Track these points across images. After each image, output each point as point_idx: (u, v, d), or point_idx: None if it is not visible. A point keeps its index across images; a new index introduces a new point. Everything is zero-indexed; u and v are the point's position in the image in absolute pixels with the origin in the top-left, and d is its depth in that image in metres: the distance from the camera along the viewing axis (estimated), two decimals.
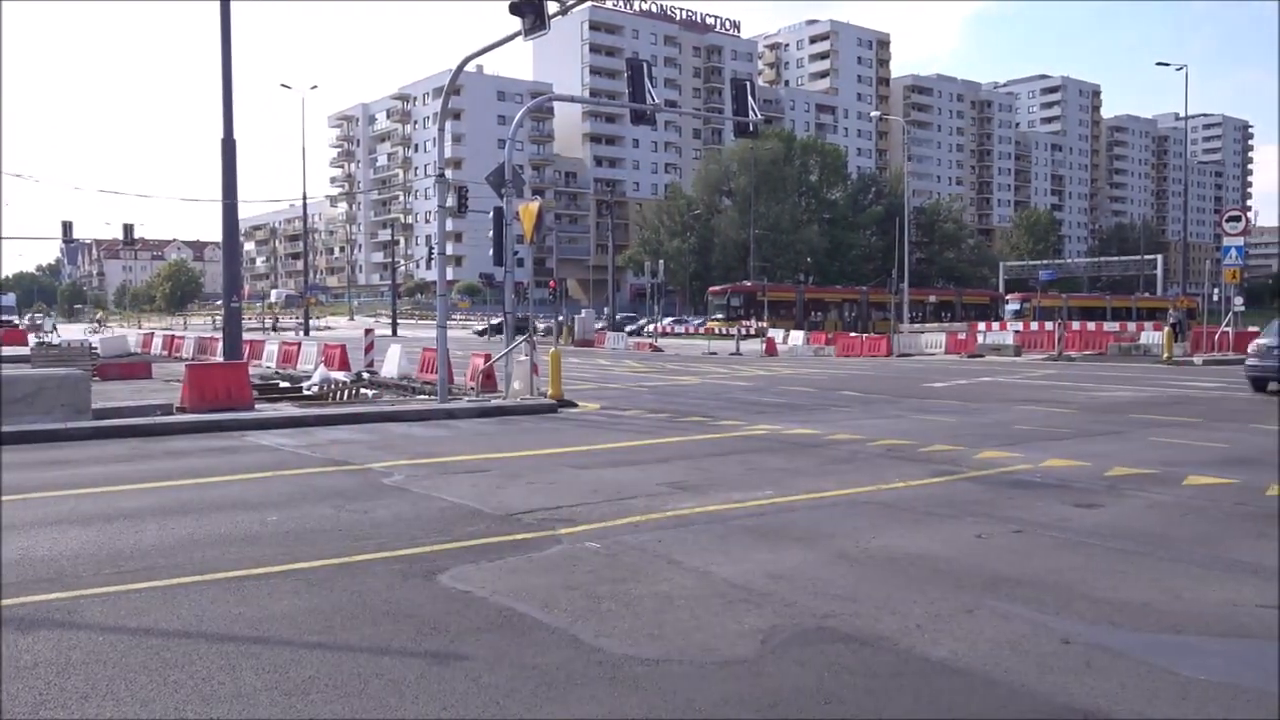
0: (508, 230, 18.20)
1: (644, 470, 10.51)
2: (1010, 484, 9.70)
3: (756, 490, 9.27)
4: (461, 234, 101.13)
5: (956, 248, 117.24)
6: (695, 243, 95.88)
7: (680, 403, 18.64)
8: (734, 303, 64.28)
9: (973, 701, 4.27)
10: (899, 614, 5.44)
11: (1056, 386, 22.41)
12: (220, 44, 18.31)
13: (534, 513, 8.19)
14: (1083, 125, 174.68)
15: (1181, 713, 4.12)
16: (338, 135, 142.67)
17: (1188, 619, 5.42)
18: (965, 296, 78.53)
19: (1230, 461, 11.00)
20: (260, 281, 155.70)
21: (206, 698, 4.27)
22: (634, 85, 20.24)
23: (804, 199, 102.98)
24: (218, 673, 4.55)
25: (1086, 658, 4.78)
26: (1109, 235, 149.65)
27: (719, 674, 4.58)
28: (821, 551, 6.90)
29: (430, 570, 6.35)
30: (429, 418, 15.80)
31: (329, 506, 8.48)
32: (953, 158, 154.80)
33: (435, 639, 5.05)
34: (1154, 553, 6.88)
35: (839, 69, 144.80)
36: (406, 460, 11.24)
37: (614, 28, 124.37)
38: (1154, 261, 76.98)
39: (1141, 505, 8.65)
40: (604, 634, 5.12)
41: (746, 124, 23.06)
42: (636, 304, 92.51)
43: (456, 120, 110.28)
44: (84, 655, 4.79)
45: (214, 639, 5.04)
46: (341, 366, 23.79)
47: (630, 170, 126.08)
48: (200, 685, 4.40)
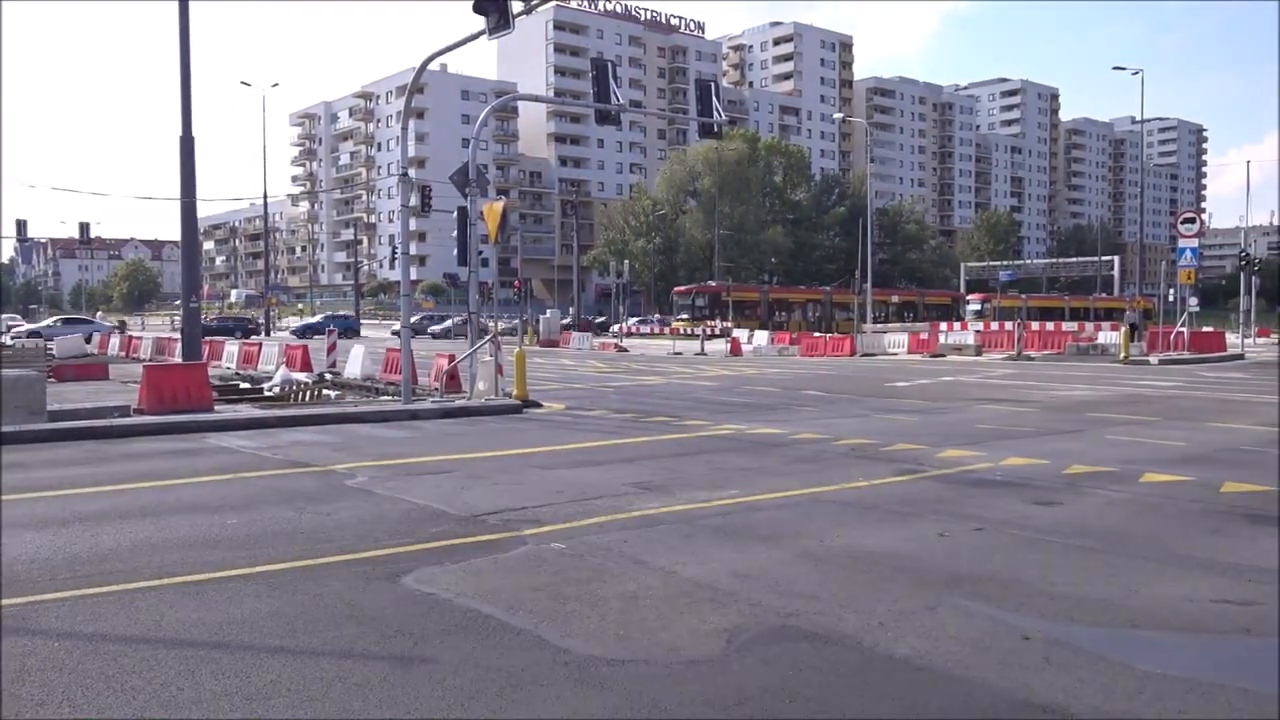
0: (472, 230, 18.11)
1: (609, 470, 10.50)
2: (971, 482, 9.82)
3: (722, 490, 9.30)
4: (425, 234, 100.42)
5: (919, 248, 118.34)
6: (660, 243, 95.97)
7: (645, 403, 18.65)
8: (699, 303, 64.39)
9: (935, 698, 4.32)
10: (862, 612, 5.49)
11: (1016, 386, 22.70)
12: (178, 40, 18.05)
13: (499, 514, 8.16)
14: (1041, 128, 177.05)
15: (1137, 706, 4.19)
16: (299, 133, 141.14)
17: (1144, 614, 5.51)
18: (927, 297, 79.26)
19: (1186, 460, 11.21)
20: (220, 281, 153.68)
21: (165, 704, 4.21)
22: (599, 85, 20.22)
23: (768, 200, 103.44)
24: (177, 678, 4.49)
25: (1046, 653, 4.85)
26: (1067, 236, 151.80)
27: (684, 673, 4.59)
28: (786, 550, 6.94)
29: (394, 572, 6.31)
30: (393, 419, 15.68)
31: (290, 509, 8.39)
32: (915, 159, 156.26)
33: (399, 642, 5.01)
34: (1112, 549, 6.99)
35: (802, 71, 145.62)
36: (370, 462, 11.15)
37: (579, 27, 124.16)
38: (1111, 262, 78.22)
39: (1100, 503, 8.78)
40: (569, 635, 5.12)
41: (711, 125, 23.13)
42: (602, 304, 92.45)
43: (420, 119, 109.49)
44: (39, 662, 4.70)
45: (173, 644, 4.97)
46: (303, 367, 23.54)
47: (595, 170, 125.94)
48: (159, 691, 4.34)
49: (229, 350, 28.74)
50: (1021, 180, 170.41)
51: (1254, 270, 47.60)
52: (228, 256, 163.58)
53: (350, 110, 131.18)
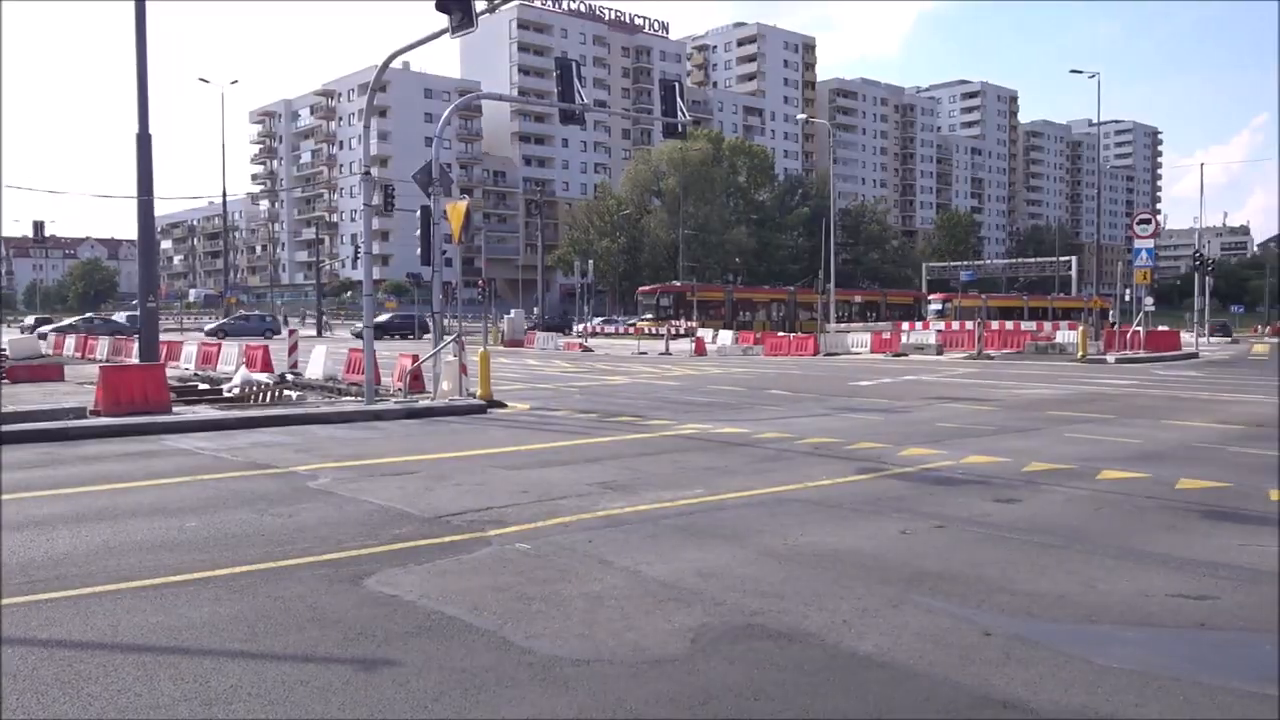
0: (435, 229, 18.01)
1: (574, 470, 10.49)
2: (933, 480, 9.92)
3: (686, 489, 9.32)
4: (388, 233, 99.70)
5: (881, 249, 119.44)
6: (625, 243, 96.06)
7: (610, 403, 18.65)
8: (663, 303, 64.52)
9: (898, 694, 4.36)
10: (826, 610, 5.52)
11: (977, 384, 22.97)
12: (135, 35, 17.77)
13: (463, 514, 8.11)
14: (1001, 130, 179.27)
15: (1095, 700, 4.25)
16: (259, 131, 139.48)
17: (1102, 609, 5.60)
18: (890, 297, 79.98)
19: (1143, 457, 11.40)
20: (178, 281, 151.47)
21: (123, 710, 4.14)
22: (563, 84, 20.19)
23: (732, 200, 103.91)
24: (134, 684, 4.42)
25: (1006, 649, 4.91)
26: (1026, 237, 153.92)
27: (649, 673, 4.59)
28: (750, 549, 6.97)
29: (357, 574, 6.25)
30: (355, 419, 15.55)
31: (251, 511, 8.29)
32: (877, 160, 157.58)
33: (362, 644, 4.97)
34: (1070, 545, 7.10)
35: (766, 72, 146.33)
36: (332, 463, 11.04)
37: (543, 26, 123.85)
38: (1069, 263, 79.33)
39: (1059, 500, 8.91)
40: (534, 635, 5.10)
41: (675, 125, 23.17)
42: (566, 304, 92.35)
43: (383, 117, 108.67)
44: None
45: (130, 649, 4.89)
46: (264, 368, 23.27)
47: (559, 170, 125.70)
48: (116, 698, 4.27)
49: (187, 351, 28.32)
50: (981, 181, 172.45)
51: (1208, 271, 48.52)
52: (186, 256, 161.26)
53: (311, 108, 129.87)
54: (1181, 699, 4.27)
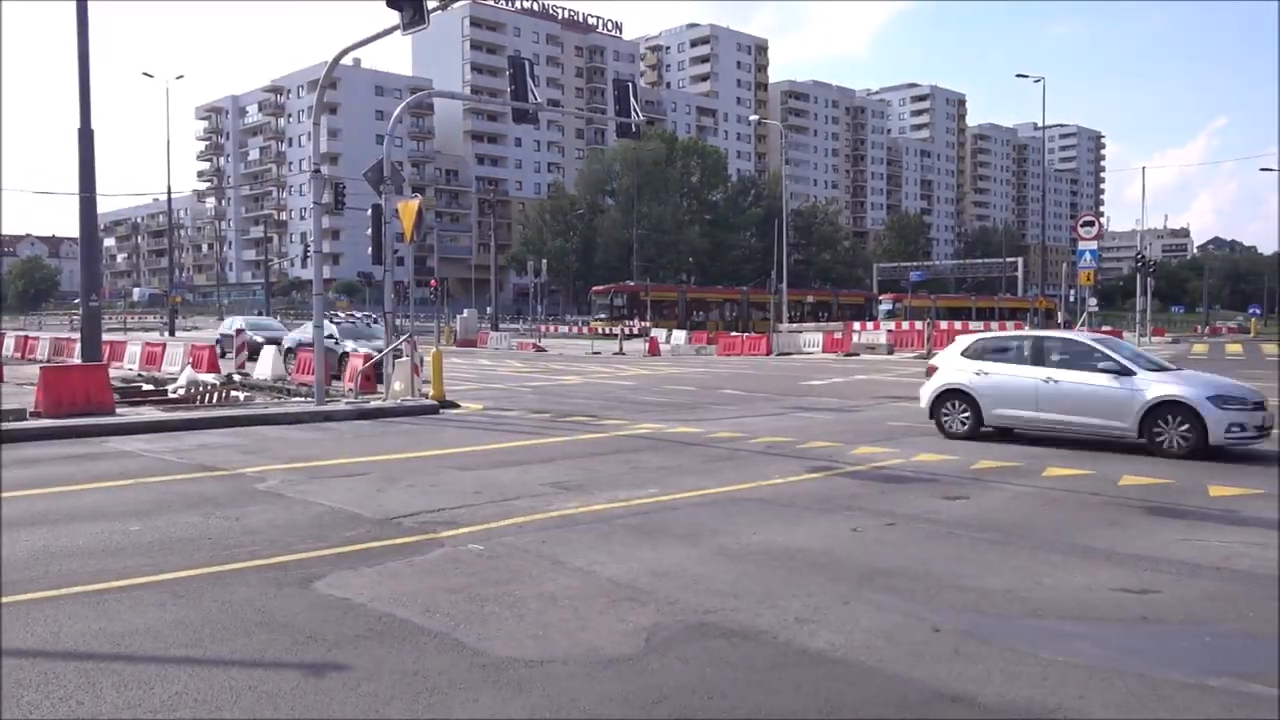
0: (387, 228, 17.84)
1: (527, 471, 10.45)
2: (884, 478, 10.03)
3: (640, 489, 9.33)
4: (339, 231, 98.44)
5: (832, 249, 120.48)
6: (578, 242, 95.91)
7: (564, 403, 18.61)
8: (617, 302, 64.49)
9: (850, 690, 4.40)
10: (778, 608, 5.56)
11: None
12: (76, 27, 17.37)
13: (415, 516, 8.04)
14: (949, 133, 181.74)
15: (1040, 693, 4.33)
16: (205, 128, 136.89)
17: (1047, 604, 5.71)
18: (841, 297, 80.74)
19: (1086, 454, 11.63)
20: (121, 279, 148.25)
21: (64, 719, 4.05)
22: (516, 83, 20.10)
23: (686, 200, 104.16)
24: (76, 691, 4.32)
25: (955, 645, 4.99)
26: (974, 238, 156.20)
27: (603, 673, 4.59)
28: (704, 548, 6.99)
29: (306, 578, 6.17)
30: (305, 420, 15.34)
31: (197, 514, 8.15)
32: (828, 162, 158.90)
33: (312, 648, 4.90)
34: (1017, 541, 7.22)
35: (719, 73, 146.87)
36: (281, 464, 10.88)
37: (495, 25, 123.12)
38: (1015, 264, 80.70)
39: (1005, 497, 9.07)
40: (487, 637, 5.08)
41: (629, 125, 23.18)
42: (520, 303, 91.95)
43: (333, 115, 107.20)
44: None
45: (72, 656, 4.78)
46: (210, 368, 22.87)
47: (513, 169, 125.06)
48: (57, 705, 4.17)
49: (131, 351, 27.73)
50: (931, 183, 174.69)
51: (1149, 272, 49.64)
52: (130, 254, 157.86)
53: (259, 105, 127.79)
54: (1124, 690, 4.37)
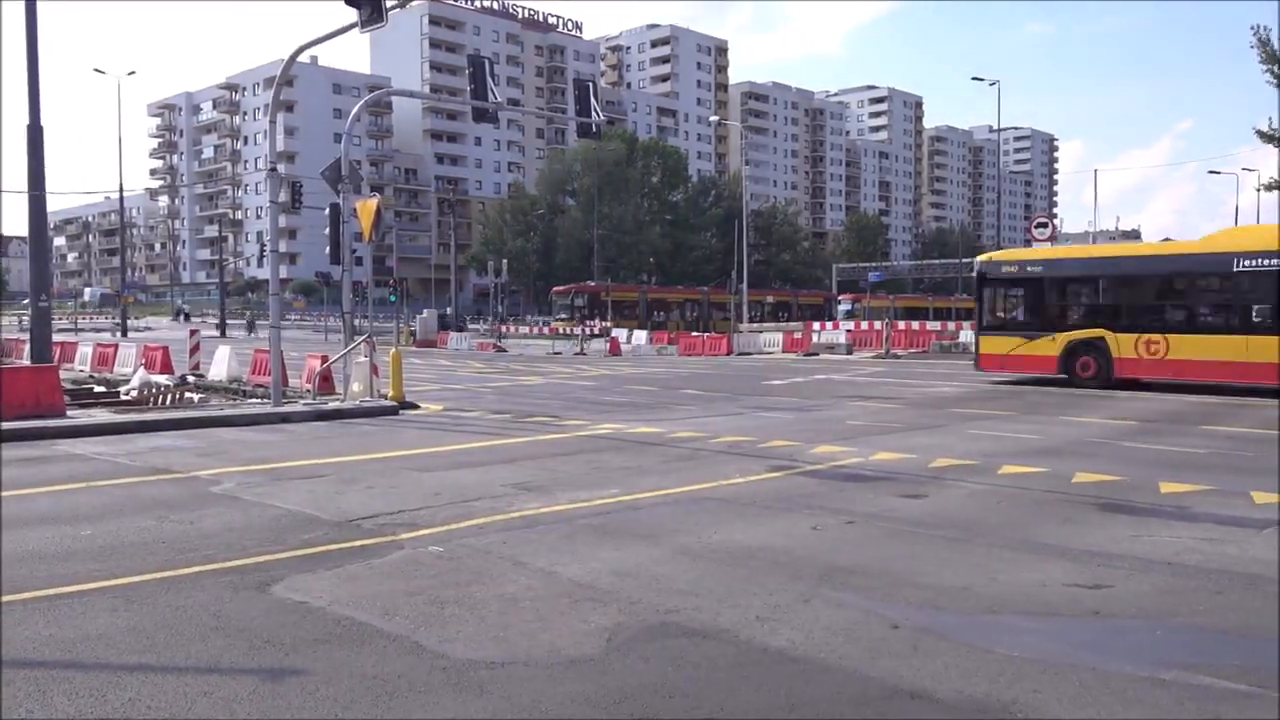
0: (345, 227, 17.67)
1: (488, 472, 10.40)
2: (843, 477, 10.12)
3: (601, 489, 9.32)
4: (296, 231, 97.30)
5: (792, 250, 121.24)
6: (539, 242, 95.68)
7: (524, 403, 18.54)
8: (578, 303, 64.38)
9: (810, 688, 4.43)
10: (739, 606, 5.59)
11: (885, 383, 23.51)
12: (25, 22, 17.01)
13: (374, 518, 7.97)
14: (907, 135, 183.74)
15: (997, 688, 4.40)
16: (158, 125, 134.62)
17: (1003, 600, 5.79)
18: (801, 297, 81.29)
19: (1040, 452, 11.81)
20: (72, 279, 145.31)
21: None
22: (476, 82, 20.01)
23: (646, 200, 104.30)
24: (26, 700, 4.23)
25: (913, 641, 5.04)
26: (931, 239, 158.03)
27: (565, 674, 4.58)
28: (665, 548, 7.01)
29: (263, 581, 6.09)
30: (261, 422, 15.14)
31: (150, 518, 8.01)
32: (788, 163, 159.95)
33: (269, 653, 4.84)
34: (973, 539, 7.32)
35: (679, 73, 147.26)
36: (237, 467, 10.73)
37: (455, 23, 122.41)
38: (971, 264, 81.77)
39: (962, 494, 9.18)
40: (447, 639, 5.04)
41: (589, 125, 23.16)
42: (480, 304, 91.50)
43: (289, 113, 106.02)
44: None
45: (22, 664, 4.67)
46: (164, 369, 22.52)
47: (473, 168, 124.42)
48: (7, 714, 4.07)
49: (83, 352, 27.22)
50: (889, 184, 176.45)
51: None
52: (81, 253, 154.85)
53: (214, 102, 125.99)
54: (1077, 684, 4.44)
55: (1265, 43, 45.04)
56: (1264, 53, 45.27)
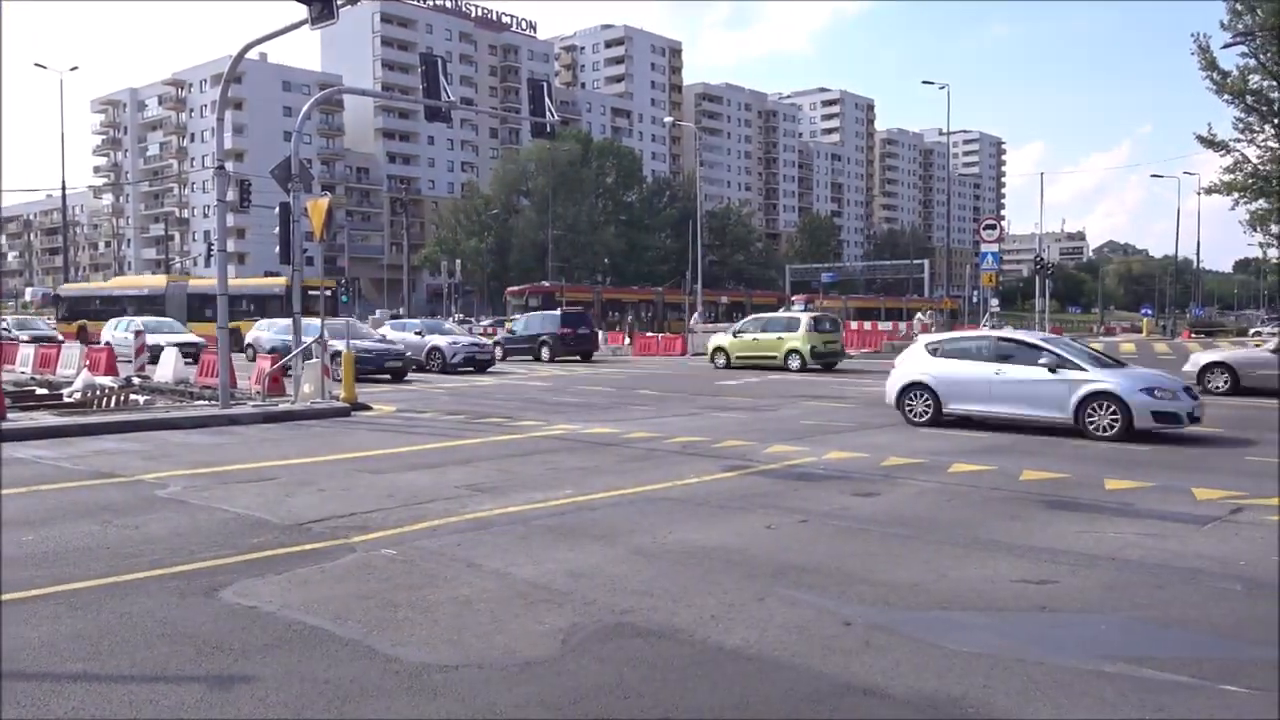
0: (295, 227, 17.43)
1: (442, 473, 10.33)
2: (796, 476, 10.20)
3: (556, 490, 9.30)
4: (244, 230, 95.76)
5: (746, 251, 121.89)
6: (493, 243, 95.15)
7: (478, 404, 18.43)
8: (532, 303, 64.00)
9: (764, 686, 4.46)
10: (694, 606, 5.61)
11: (838, 383, 23.72)
12: None
13: (325, 521, 7.88)
14: (859, 137, 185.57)
15: (947, 683, 4.46)
16: (102, 121, 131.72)
17: (953, 596, 5.88)
18: (755, 297, 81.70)
19: (989, 450, 12.00)
20: (13, 279, 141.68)
21: None
22: (429, 81, 19.86)
23: (601, 201, 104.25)
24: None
25: (866, 638, 5.10)
26: (882, 240, 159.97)
27: (520, 676, 4.57)
28: (620, 548, 7.01)
29: (211, 586, 5.99)
30: (209, 424, 14.88)
31: (94, 523, 7.84)
32: (741, 164, 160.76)
33: (217, 659, 4.76)
34: (924, 536, 7.42)
35: (633, 74, 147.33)
36: (184, 470, 10.54)
37: (407, 21, 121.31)
38: (922, 265, 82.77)
39: (913, 492, 9.30)
40: (400, 643, 5.00)
41: (544, 125, 23.10)
42: (433, 304, 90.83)
43: (238, 110, 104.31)
44: None
45: None
46: (109, 371, 22.02)
47: (426, 168, 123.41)
48: None
49: (24, 353, 26.53)
50: (841, 186, 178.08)
51: (1048, 274, 51.43)
52: (21, 252, 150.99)
53: (160, 98, 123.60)
54: (1025, 678, 4.52)
55: (1205, 50, 46.29)
56: (1204, 60, 46.52)
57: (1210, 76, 46.64)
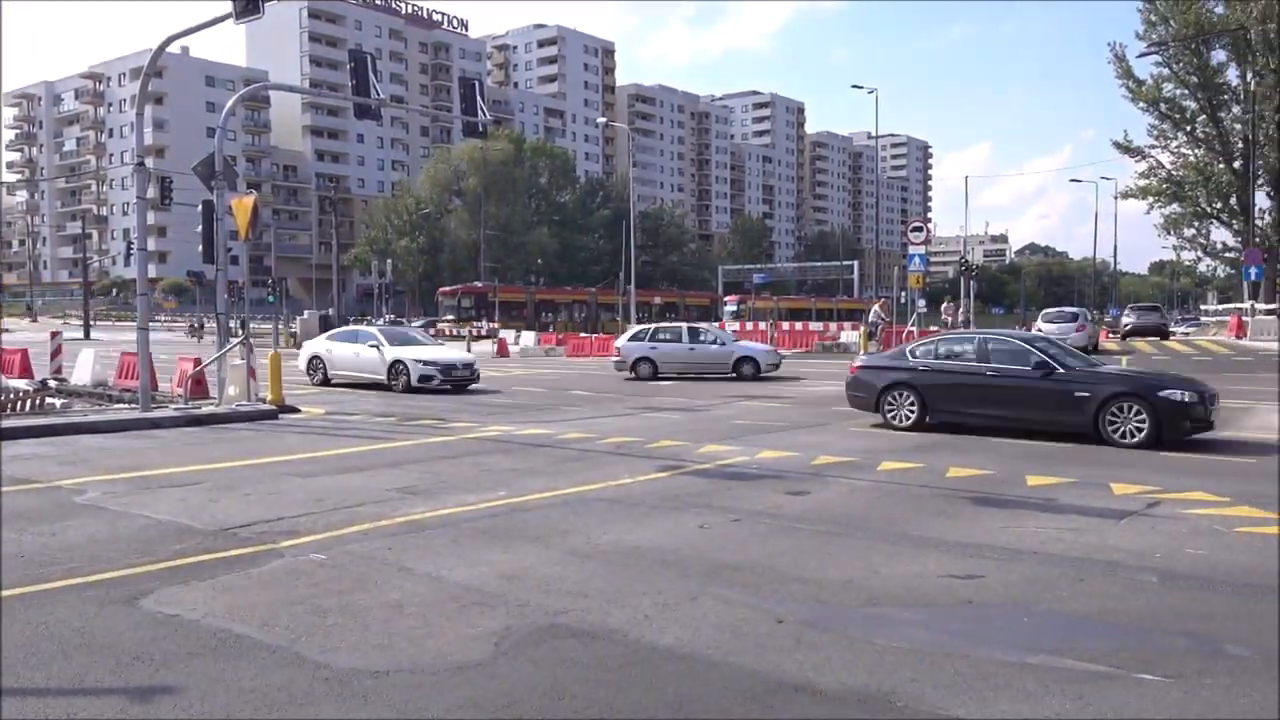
0: (219, 225, 17.04)
1: (373, 476, 10.18)
2: (729, 476, 10.27)
3: (489, 492, 9.23)
4: (166, 228, 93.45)
5: (679, 251, 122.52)
6: (425, 242, 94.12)
7: (410, 405, 18.20)
8: (465, 304, 63.63)
9: (698, 685, 4.49)
10: (628, 606, 5.61)
11: (771, 382, 23.96)
12: None
13: (252, 526, 7.71)
14: (789, 139, 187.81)
15: (877, 678, 4.53)
16: (15, 115, 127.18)
17: (883, 592, 5.97)
18: (688, 298, 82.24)
19: (917, 448, 12.23)
20: None
21: None
22: (357, 78, 19.59)
23: (534, 201, 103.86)
24: None
25: (798, 635, 5.15)
26: (813, 242, 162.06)
27: (452, 680, 4.52)
28: (554, 549, 6.99)
29: (131, 595, 5.82)
30: (129, 428, 14.45)
31: (9, 530, 7.55)
32: (675, 165, 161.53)
33: (138, 670, 4.63)
34: (854, 533, 7.53)
35: (566, 74, 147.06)
36: (102, 475, 10.22)
37: (335, 17, 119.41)
38: (851, 267, 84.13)
39: (844, 490, 9.43)
40: (330, 649, 4.92)
41: (476, 124, 22.92)
42: (364, 304, 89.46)
43: (159, 105, 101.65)
44: None
45: None
46: (23, 374, 21.28)
47: (355, 166, 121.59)
48: None
49: None
50: (772, 188, 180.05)
51: (972, 275, 52.62)
52: None
53: (76, 92, 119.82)
54: (952, 671, 4.62)
55: (1121, 58, 47.83)
56: (1120, 68, 48.05)
57: (1126, 84, 48.25)
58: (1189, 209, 48.56)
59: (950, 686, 4.44)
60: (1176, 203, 48.44)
